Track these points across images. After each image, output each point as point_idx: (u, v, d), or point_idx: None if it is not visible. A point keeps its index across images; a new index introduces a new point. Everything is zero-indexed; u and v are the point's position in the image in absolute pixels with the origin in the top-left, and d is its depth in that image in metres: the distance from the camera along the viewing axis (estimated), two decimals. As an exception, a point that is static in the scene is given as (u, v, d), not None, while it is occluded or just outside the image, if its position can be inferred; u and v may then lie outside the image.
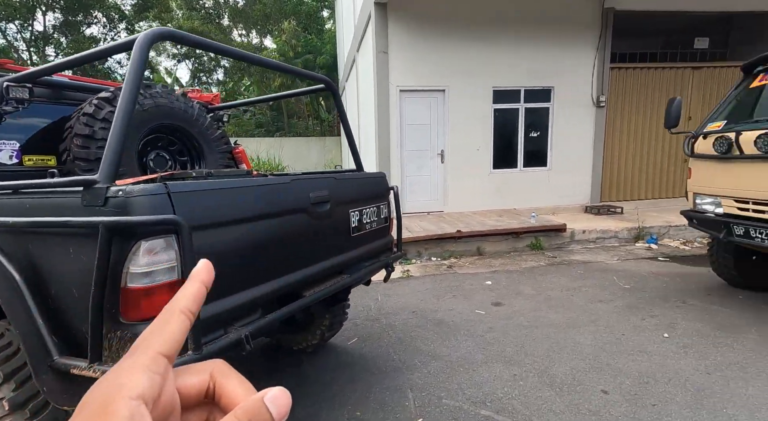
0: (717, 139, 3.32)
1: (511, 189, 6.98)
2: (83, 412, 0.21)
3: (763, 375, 2.42)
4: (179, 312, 0.27)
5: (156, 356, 0.24)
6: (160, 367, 0.24)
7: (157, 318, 0.27)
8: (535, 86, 6.79)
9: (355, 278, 2.02)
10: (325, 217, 1.82)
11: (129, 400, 0.21)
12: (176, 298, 0.28)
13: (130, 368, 0.23)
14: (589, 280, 4.33)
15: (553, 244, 5.69)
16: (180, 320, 0.26)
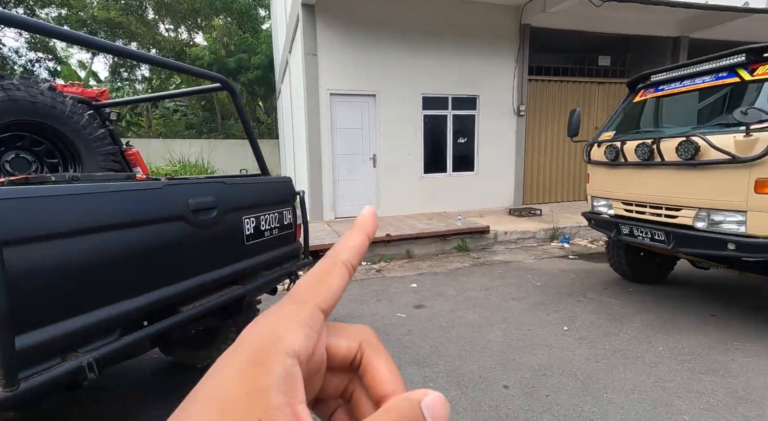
0: (607, 148, 3.68)
1: (442, 193, 7.20)
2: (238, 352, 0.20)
3: (640, 361, 2.69)
4: (341, 263, 0.25)
5: (315, 311, 0.23)
6: (317, 323, 0.23)
7: (318, 267, 0.25)
8: (462, 94, 7.09)
9: (250, 288, 1.90)
10: (210, 225, 1.69)
11: (285, 356, 0.20)
12: (338, 248, 0.26)
13: (290, 319, 0.22)
14: (507, 279, 4.56)
15: (478, 245, 5.95)
16: (341, 273, 0.25)
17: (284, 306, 0.23)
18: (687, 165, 2.99)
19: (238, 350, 0.21)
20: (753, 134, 2.61)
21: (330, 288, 0.24)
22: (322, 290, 0.24)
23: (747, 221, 2.71)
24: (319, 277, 0.25)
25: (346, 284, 0.25)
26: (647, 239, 3.35)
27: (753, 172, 2.65)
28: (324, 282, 0.24)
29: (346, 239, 0.27)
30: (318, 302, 0.23)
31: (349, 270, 0.25)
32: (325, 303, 0.24)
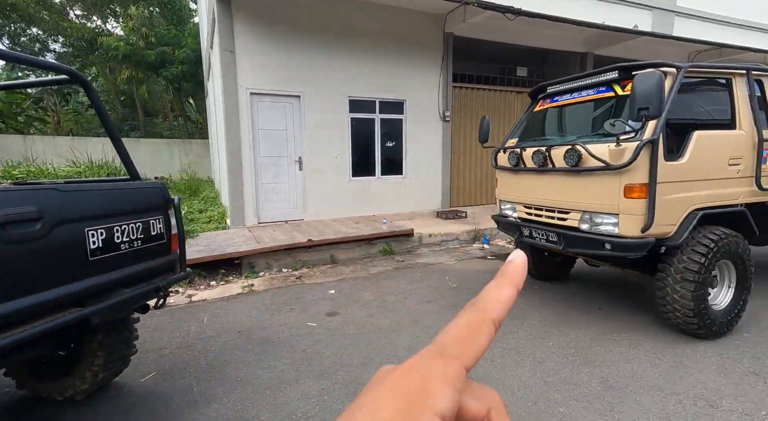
0: (510, 154, 3.87)
1: (371, 196, 7.19)
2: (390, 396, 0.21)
3: (531, 357, 2.82)
4: (491, 322, 0.25)
5: (462, 370, 0.23)
6: (461, 384, 0.22)
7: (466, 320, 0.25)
8: (389, 98, 7.15)
9: (96, 309, 1.67)
10: (33, 239, 1.45)
11: (432, 415, 0.20)
12: (489, 302, 0.25)
13: (441, 375, 0.22)
14: (425, 281, 4.63)
15: (403, 248, 6.01)
16: (489, 333, 0.24)
17: (434, 359, 0.23)
18: (572, 171, 3.22)
19: (389, 392, 0.21)
20: (622, 144, 2.87)
21: (478, 348, 0.24)
22: (470, 349, 0.23)
23: (619, 223, 2.97)
24: (469, 333, 0.24)
25: (489, 344, 0.24)
26: (543, 240, 3.56)
27: (622, 178, 2.91)
28: (474, 341, 0.24)
29: (497, 293, 0.25)
30: (465, 361, 0.23)
31: (496, 328, 0.25)
32: (470, 363, 0.23)
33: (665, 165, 2.90)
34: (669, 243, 3.01)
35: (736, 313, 3.14)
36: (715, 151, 3.06)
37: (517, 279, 0.27)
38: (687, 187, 2.99)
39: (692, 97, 3.18)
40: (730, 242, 3.01)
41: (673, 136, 3.03)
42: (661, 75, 2.57)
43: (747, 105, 3.18)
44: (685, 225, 3.00)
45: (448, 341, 0.24)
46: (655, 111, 2.56)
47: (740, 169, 3.16)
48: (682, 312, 3.00)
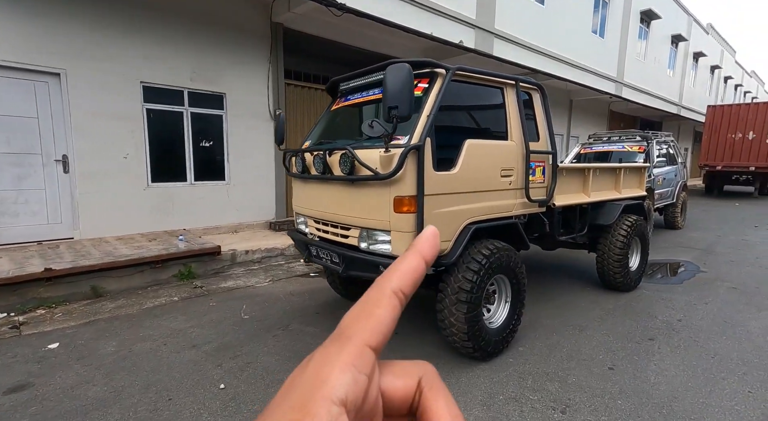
0: (297, 159, 3.26)
1: (180, 206, 5.92)
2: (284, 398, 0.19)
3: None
4: (391, 292, 0.23)
5: (363, 350, 0.21)
6: (367, 364, 0.20)
7: (364, 298, 0.23)
8: (202, 90, 6.01)
9: None
10: None
11: (330, 404, 0.18)
12: (389, 274, 0.24)
13: (334, 360, 0.20)
14: (211, 315, 3.71)
15: (209, 270, 4.97)
16: (390, 304, 0.23)
17: (330, 345, 0.21)
18: (348, 181, 2.74)
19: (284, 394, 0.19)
20: (391, 150, 2.47)
21: (379, 322, 0.22)
22: (369, 324, 0.21)
23: (391, 241, 2.58)
24: (366, 308, 0.22)
25: (396, 316, 0.23)
26: (328, 261, 3.03)
27: (392, 190, 2.52)
28: (371, 315, 0.22)
29: (397, 263, 0.24)
30: (365, 339, 0.21)
31: (400, 299, 0.23)
32: (374, 339, 0.21)
33: (436, 175, 2.61)
34: (444, 262, 2.75)
35: (511, 329, 3.08)
36: (488, 162, 2.94)
37: (426, 249, 0.25)
38: (460, 200, 2.78)
39: (466, 104, 3.02)
40: (502, 257, 2.91)
41: (446, 144, 2.80)
42: (410, 68, 2.22)
43: (517, 116, 3.17)
44: (459, 241, 2.78)
45: (346, 322, 0.22)
46: (405, 110, 2.19)
47: (512, 180, 3.12)
48: (458, 336, 2.77)
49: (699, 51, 20.72)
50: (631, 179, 5.00)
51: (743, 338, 3.36)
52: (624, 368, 2.89)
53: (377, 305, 0.22)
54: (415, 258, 0.24)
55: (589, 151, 8.55)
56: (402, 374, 0.23)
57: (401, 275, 0.24)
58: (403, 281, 0.23)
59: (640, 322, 3.70)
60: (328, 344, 0.22)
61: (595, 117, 17.02)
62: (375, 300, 0.23)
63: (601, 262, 4.43)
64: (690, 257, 6.22)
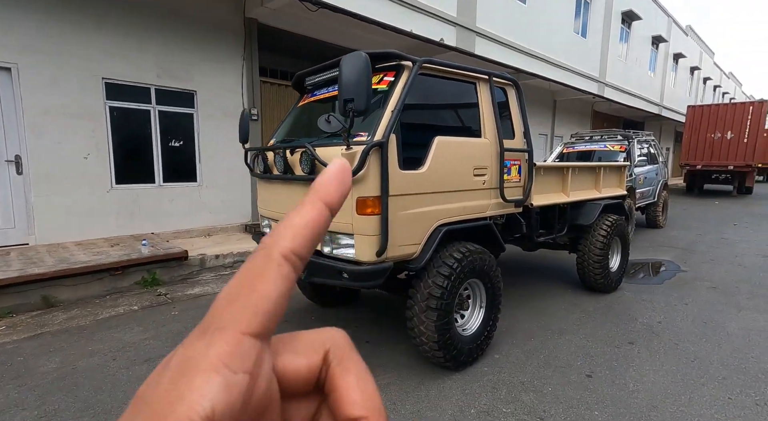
0: (256, 157, 3.06)
1: (148, 209, 5.64)
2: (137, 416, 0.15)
3: None
4: (280, 258, 0.18)
5: (240, 341, 0.16)
6: (247, 358, 0.16)
7: (244, 267, 0.18)
8: (171, 87, 5.74)
9: None
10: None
11: None
12: (278, 231, 0.19)
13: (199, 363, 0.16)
14: (172, 324, 3.48)
15: (176, 276, 4.71)
16: (278, 273, 0.18)
17: (192, 342, 0.16)
18: (309, 180, 2.55)
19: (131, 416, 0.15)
20: (353, 147, 2.30)
21: (263, 298, 0.17)
22: (249, 305, 0.17)
23: (355, 245, 2.40)
24: (246, 283, 0.17)
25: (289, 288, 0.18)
26: (292, 266, 2.83)
27: (354, 190, 2.34)
28: (253, 290, 0.17)
29: (291, 217, 0.19)
30: (243, 326, 0.16)
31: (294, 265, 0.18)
32: (257, 324, 0.17)
33: (402, 175, 2.45)
34: (413, 266, 2.58)
35: (485, 336, 2.92)
36: (459, 160, 2.78)
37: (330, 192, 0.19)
38: (430, 200, 2.61)
39: (436, 99, 2.86)
40: (475, 260, 2.75)
41: (414, 141, 2.64)
42: (367, 57, 2.05)
43: (491, 112, 3.02)
44: (429, 244, 2.62)
45: (217, 307, 0.17)
46: (362, 103, 2.02)
47: (486, 179, 2.97)
48: (428, 344, 2.60)
49: (679, 52, 21.09)
50: (611, 178, 4.92)
51: (723, 340, 3.28)
52: (602, 375, 2.77)
53: (261, 277, 0.17)
54: (315, 207, 0.19)
55: (571, 151, 8.51)
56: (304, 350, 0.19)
57: (295, 231, 0.18)
58: (297, 240, 0.18)
59: (621, 325, 3.60)
60: (193, 340, 0.17)
61: (579, 117, 17.14)
62: (258, 270, 0.18)
63: (581, 263, 4.33)
64: (671, 256, 6.19)
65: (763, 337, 3.34)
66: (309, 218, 0.19)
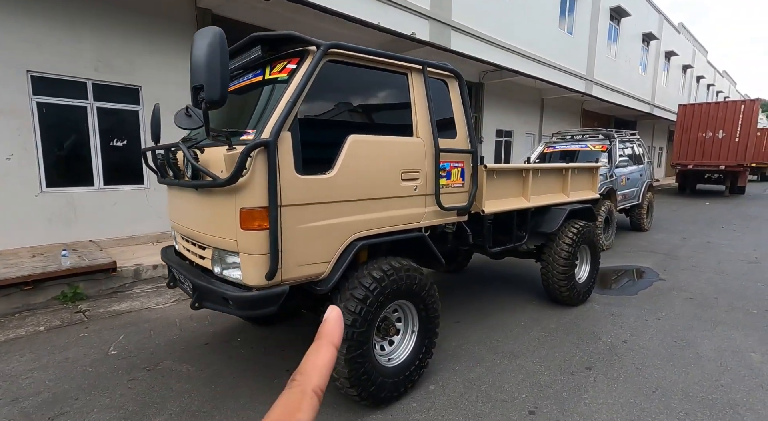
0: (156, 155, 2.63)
1: (86, 215, 5.22)
2: None
3: None
4: (311, 393, 0.24)
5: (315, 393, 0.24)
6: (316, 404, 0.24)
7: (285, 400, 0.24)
8: (111, 82, 5.32)
9: None
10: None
11: None
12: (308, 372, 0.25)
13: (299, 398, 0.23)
14: (72, 350, 3.07)
15: (105, 289, 4.30)
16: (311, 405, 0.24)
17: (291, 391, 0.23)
18: (194, 187, 2.15)
19: None
20: (237, 148, 1.90)
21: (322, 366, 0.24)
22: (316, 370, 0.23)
23: (241, 266, 2.00)
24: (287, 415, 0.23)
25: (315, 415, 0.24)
26: (189, 288, 2.42)
27: (237, 200, 1.95)
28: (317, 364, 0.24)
29: (314, 358, 0.25)
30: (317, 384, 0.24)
31: (319, 397, 0.25)
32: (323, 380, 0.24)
33: (301, 181, 2.05)
34: (320, 288, 2.19)
35: (417, 365, 2.53)
36: (382, 163, 2.38)
37: (335, 338, 0.27)
38: (342, 210, 2.22)
39: (356, 91, 2.46)
40: (400, 279, 2.36)
41: (321, 141, 2.24)
42: (220, 33, 1.66)
43: (425, 108, 2.63)
44: (341, 261, 2.23)
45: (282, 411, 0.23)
46: (215, 92, 1.64)
47: (418, 184, 2.58)
48: (340, 380, 2.21)
49: (670, 50, 20.79)
50: (581, 181, 4.54)
51: (692, 364, 2.91)
52: (548, 410, 2.38)
53: (299, 409, 0.23)
54: (329, 350, 0.26)
55: (553, 151, 8.15)
56: None
57: (320, 372, 0.25)
58: (324, 378, 0.25)
59: (581, 345, 3.22)
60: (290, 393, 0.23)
61: (569, 116, 16.79)
62: (296, 403, 0.23)
63: (545, 273, 3.95)
64: (651, 262, 5.83)
65: (737, 360, 2.97)
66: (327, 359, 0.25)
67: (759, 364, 2.90)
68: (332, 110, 2.33)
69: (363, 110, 2.48)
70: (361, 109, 2.47)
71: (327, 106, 2.31)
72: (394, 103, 2.59)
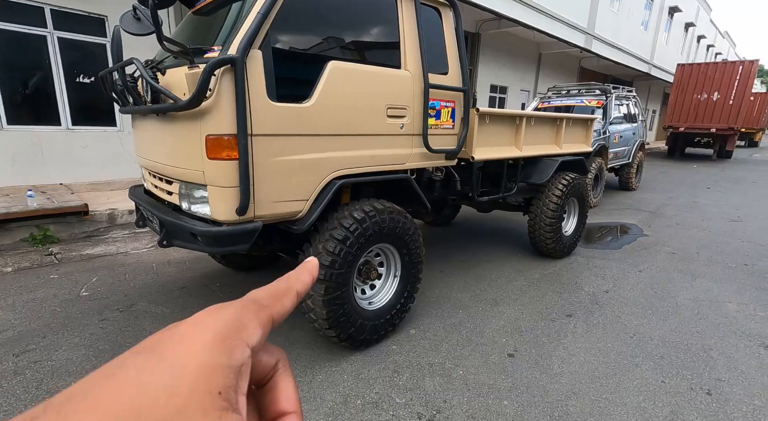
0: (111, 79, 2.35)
1: (54, 156, 4.91)
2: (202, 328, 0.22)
3: None
4: (296, 292, 0.27)
5: (269, 318, 0.24)
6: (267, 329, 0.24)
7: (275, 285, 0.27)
8: (73, 9, 4.79)
9: None
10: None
11: (245, 346, 0.22)
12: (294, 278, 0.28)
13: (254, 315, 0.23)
14: (41, 290, 2.95)
15: (78, 233, 4.12)
16: (292, 299, 0.27)
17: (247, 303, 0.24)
18: (155, 112, 1.93)
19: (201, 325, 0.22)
20: (200, 66, 1.67)
21: (284, 307, 0.26)
22: (278, 304, 0.25)
23: (209, 201, 1.85)
24: (278, 295, 0.26)
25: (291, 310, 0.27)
26: (157, 226, 2.27)
27: (202, 125, 1.75)
28: (280, 299, 0.26)
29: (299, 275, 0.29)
30: (272, 314, 0.25)
31: (298, 299, 0.27)
32: (278, 317, 0.25)
33: (276, 108, 1.85)
34: (297, 228, 2.06)
35: (398, 309, 2.49)
36: (365, 95, 2.18)
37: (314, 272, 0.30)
38: (321, 145, 2.04)
39: (338, 13, 2.19)
40: (383, 221, 2.24)
41: (298, 66, 2.01)
42: None
43: (415, 37, 2.38)
44: (320, 200, 2.09)
45: (261, 295, 0.25)
46: None
47: (405, 123, 2.39)
48: (318, 322, 2.15)
49: (675, 5, 19.89)
50: (574, 133, 4.38)
51: (670, 313, 2.95)
52: (527, 353, 2.40)
53: (286, 295, 0.26)
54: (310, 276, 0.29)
55: (548, 106, 7.88)
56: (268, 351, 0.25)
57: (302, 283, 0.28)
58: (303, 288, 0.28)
59: (564, 294, 3.24)
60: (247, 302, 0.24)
61: (565, 73, 16.27)
62: (284, 290, 0.27)
63: (532, 225, 3.90)
64: (636, 219, 5.86)
65: (713, 309, 3.02)
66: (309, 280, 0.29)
67: (734, 313, 2.96)
68: (311, 33, 2.08)
69: (346, 36, 2.22)
70: (344, 35, 2.21)
71: (305, 28, 2.06)
72: (380, 30, 2.34)
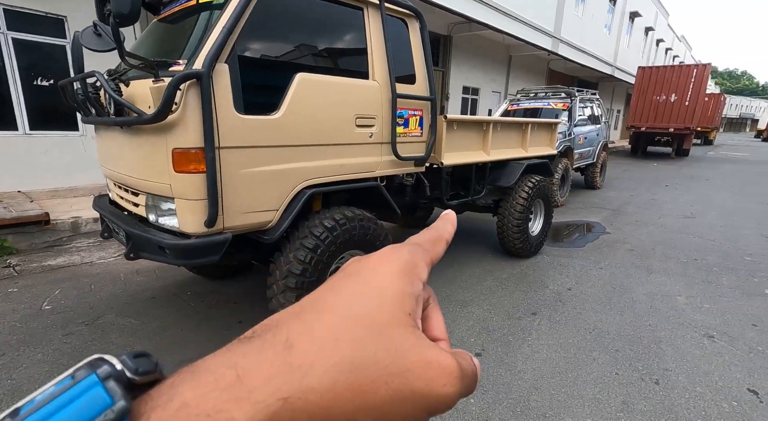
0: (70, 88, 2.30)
1: (11, 162, 4.69)
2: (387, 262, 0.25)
3: None
4: (446, 239, 0.30)
5: (431, 261, 0.28)
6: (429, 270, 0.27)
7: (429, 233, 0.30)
8: (27, 8, 4.58)
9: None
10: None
11: (419, 280, 0.25)
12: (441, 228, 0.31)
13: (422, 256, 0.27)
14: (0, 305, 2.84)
15: (39, 243, 3.96)
16: (443, 247, 0.30)
17: (414, 246, 0.28)
18: (120, 125, 1.91)
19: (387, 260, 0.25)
20: (165, 79, 1.67)
21: (438, 253, 0.29)
22: (435, 249, 0.29)
23: (177, 213, 1.85)
24: (433, 240, 0.29)
25: (442, 255, 0.29)
26: (123, 238, 2.24)
27: (168, 139, 1.75)
28: (435, 245, 0.29)
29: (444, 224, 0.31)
30: (432, 256, 0.28)
31: (446, 246, 0.30)
32: (436, 259, 0.29)
33: (243, 120, 1.87)
34: (267, 238, 2.09)
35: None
36: (334, 106, 2.23)
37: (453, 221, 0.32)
38: (290, 156, 2.08)
39: (305, 25, 2.23)
40: (353, 228, 2.30)
41: (266, 78, 2.04)
42: None
43: (383, 48, 2.45)
44: (290, 210, 2.12)
45: (422, 240, 0.29)
46: (122, 3, 1.40)
47: (374, 131, 2.46)
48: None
49: (635, 11, 20.88)
50: (539, 137, 4.58)
51: (626, 307, 3.15)
52: (494, 352, 2.52)
53: (439, 242, 0.29)
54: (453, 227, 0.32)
55: (516, 108, 8.14)
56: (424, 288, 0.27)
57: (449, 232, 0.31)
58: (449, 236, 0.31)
59: (530, 293, 3.39)
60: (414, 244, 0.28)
61: (535, 75, 16.78)
62: (437, 238, 0.30)
63: (501, 226, 4.05)
64: (600, 217, 6.15)
65: (665, 303, 3.25)
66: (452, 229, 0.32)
67: (683, 306, 3.20)
68: (278, 45, 2.11)
69: (313, 48, 2.26)
70: (312, 47, 2.25)
71: (273, 41, 2.09)
72: (348, 42, 2.39)
